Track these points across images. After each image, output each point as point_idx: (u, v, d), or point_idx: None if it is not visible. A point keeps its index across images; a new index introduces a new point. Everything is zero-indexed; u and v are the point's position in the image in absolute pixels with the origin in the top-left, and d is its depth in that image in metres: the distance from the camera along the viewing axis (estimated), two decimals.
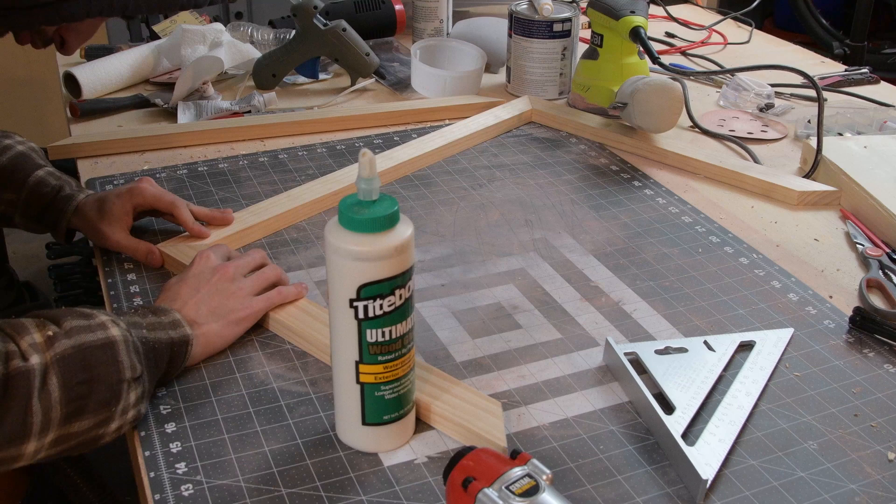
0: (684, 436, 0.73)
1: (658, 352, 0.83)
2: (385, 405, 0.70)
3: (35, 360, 0.67)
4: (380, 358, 0.68)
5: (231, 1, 1.30)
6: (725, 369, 0.82)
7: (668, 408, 0.76)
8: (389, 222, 0.66)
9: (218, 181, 1.15)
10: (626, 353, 0.81)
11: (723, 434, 0.73)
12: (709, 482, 0.68)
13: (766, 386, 0.80)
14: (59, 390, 0.68)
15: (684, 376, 0.80)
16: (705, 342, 0.84)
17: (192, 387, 0.79)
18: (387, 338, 0.68)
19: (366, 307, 0.66)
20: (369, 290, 0.66)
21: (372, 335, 0.67)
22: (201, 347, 0.81)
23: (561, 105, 1.40)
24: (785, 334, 0.87)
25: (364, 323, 0.67)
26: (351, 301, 0.66)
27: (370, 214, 0.65)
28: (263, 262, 0.91)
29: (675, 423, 0.73)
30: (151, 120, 1.34)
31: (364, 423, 0.71)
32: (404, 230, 0.67)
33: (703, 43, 1.71)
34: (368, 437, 0.72)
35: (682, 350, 0.83)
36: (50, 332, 0.70)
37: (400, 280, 0.66)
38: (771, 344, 0.85)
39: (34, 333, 0.69)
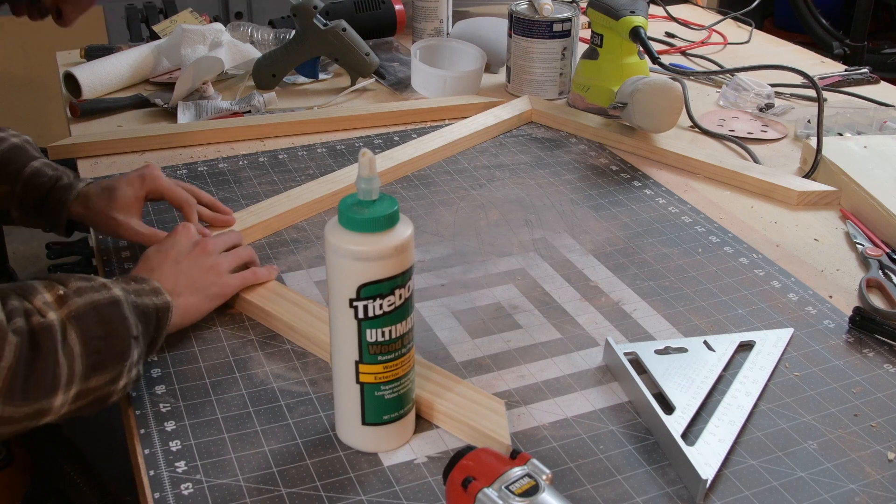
0: (684, 436, 0.73)
1: (658, 352, 0.83)
2: (385, 405, 0.70)
3: (52, 316, 0.70)
4: (380, 358, 0.68)
5: None
6: (725, 369, 0.82)
7: (668, 408, 0.76)
8: (389, 222, 0.66)
9: (218, 181, 1.15)
10: (625, 353, 0.81)
11: (723, 434, 0.73)
12: (709, 482, 0.68)
13: (766, 386, 0.80)
14: (79, 345, 0.70)
15: (684, 376, 0.80)
16: (705, 342, 0.84)
17: (192, 385, 0.79)
18: (387, 338, 0.68)
19: (366, 307, 0.66)
20: (369, 290, 0.66)
21: (372, 335, 0.67)
22: (179, 318, 0.83)
23: (561, 105, 1.40)
24: (785, 334, 0.87)
25: (364, 323, 0.67)
26: (351, 301, 0.66)
27: (370, 214, 0.65)
28: (238, 243, 0.94)
29: (675, 423, 0.73)
30: (151, 120, 1.34)
31: (364, 422, 0.71)
32: (404, 230, 0.67)
33: (703, 43, 1.71)
34: (368, 436, 0.72)
35: (682, 350, 0.83)
36: (60, 292, 0.72)
37: (400, 280, 0.66)
38: (771, 344, 0.85)
39: (45, 293, 0.71)
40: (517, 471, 0.61)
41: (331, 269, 0.67)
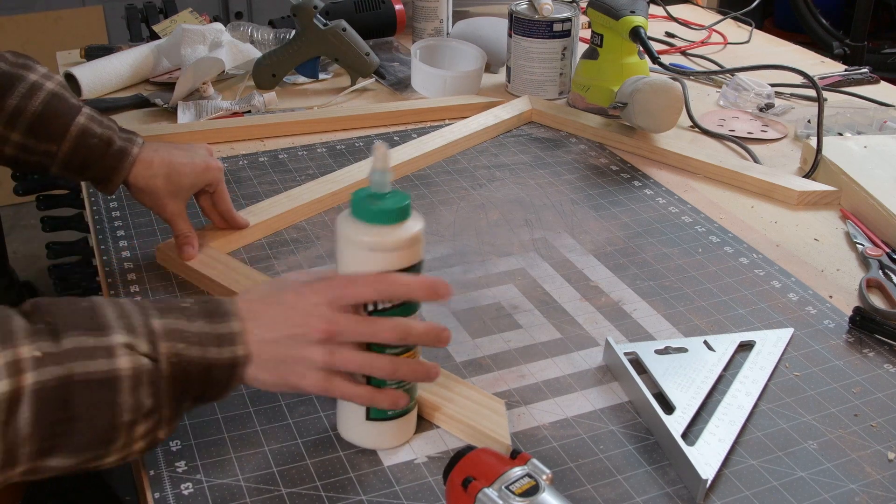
0: (684, 436, 0.73)
1: (658, 352, 0.83)
2: None
3: (3, 386, 0.56)
4: (387, 351, 0.68)
5: None
6: (725, 369, 0.82)
7: (668, 408, 0.76)
8: (403, 214, 0.66)
9: None
10: (626, 353, 0.81)
11: (723, 434, 0.73)
12: (709, 482, 0.68)
13: (766, 386, 0.80)
14: (29, 426, 0.57)
15: (684, 376, 0.80)
16: (705, 342, 0.84)
17: None
18: None
19: (375, 301, 0.66)
20: None
21: None
22: (257, 384, 0.68)
23: (561, 105, 1.40)
24: (785, 334, 0.87)
25: (373, 315, 0.67)
26: None
27: (384, 206, 0.65)
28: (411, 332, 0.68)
29: (675, 423, 0.73)
30: (151, 120, 1.34)
31: (368, 418, 0.71)
32: (416, 223, 0.67)
33: (703, 43, 1.71)
34: (372, 433, 0.72)
35: (682, 350, 0.83)
36: (38, 353, 0.58)
37: (411, 273, 0.67)
38: (771, 344, 0.85)
39: (20, 347, 0.58)
40: (517, 471, 0.61)
41: (342, 260, 0.67)
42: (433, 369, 0.70)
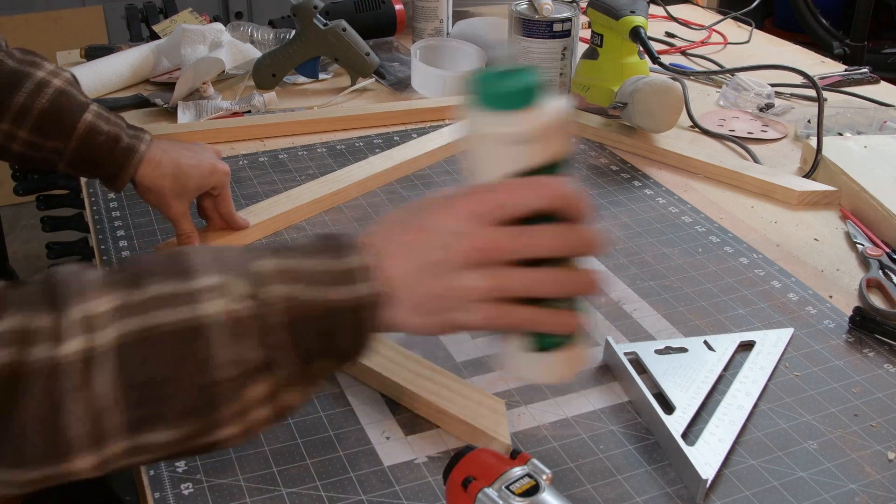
0: (684, 436, 0.73)
1: (658, 352, 0.83)
2: None
3: (74, 346, 0.49)
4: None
5: None
6: (725, 369, 0.82)
7: (668, 408, 0.76)
8: (540, 92, 0.53)
9: None
10: (626, 353, 0.81)
11: (723, 434, 0.73)
12: (709, 482, 0.68)
13: (766, 386, 0.80)
14: (113, 390, 0.50)
15: (684, 376, 0.80)
16: (705, 342, 0.85)
17: None
18: None
19: (532, 209, 0.55)
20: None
21: None
22: (393, 328, 0.57)
23: None
24: (785, 334, 0.87)
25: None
26: None
27: (519, 84, 0.52)
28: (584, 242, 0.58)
29: (675, 423, 0.73)
30: (151, 120, 1.34)
31: (541, 348, 0.60)
32: (559, 102, 0.54)
33: (703, 43, 1.71)
34: (541, 364, 0.61)
35: (682, 350, 0.83)
36: (116, 303, 0.51)
37: (565, 166, 0.55)
38: (771, 344, 0.85)
39: (94, 300, 0.50)
40: (517, 471, 0.61)
41: (479, 163, 0.55)
42: (600, 276, 0.58)
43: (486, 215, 0.55)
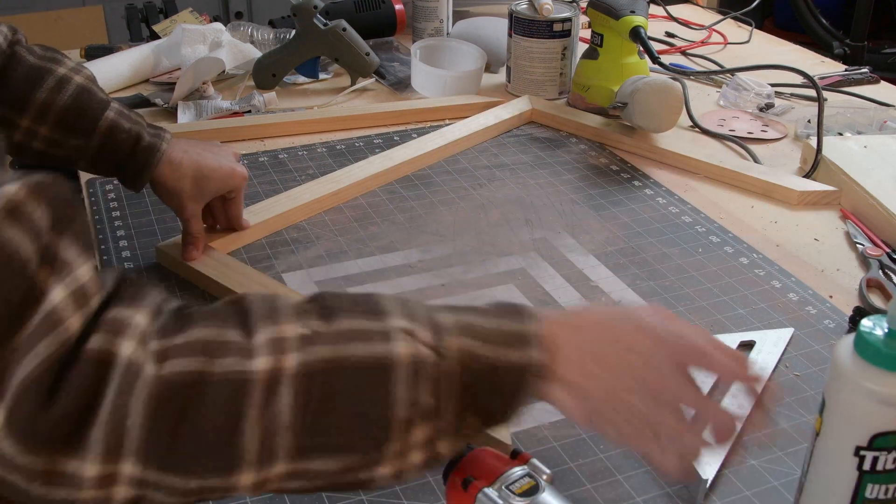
0: None
1: None
2: None
3: (262, 363, 0.50)
4: None
5: None
6: None
7: None
8: None
9: None
10: None
11: None
12: (709, 482, 0.68)
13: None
14: (290, 413, 0.50)
15: None
16: None
17: None
18: (889, 496, 0.58)
19: (875, 459, 0.56)
20: (885, 441, 0.56)
21: (872, 491, 0.58)
22: (549, 402, 0.58)
23: (561, 105, 1.40)
24: (785, 334, 0.87)
25: (867, 476, 0.57)
26: (858, 449, 0.56)
27: None
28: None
29: None
30: (151, 120, 1.33)
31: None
32: None
33: (703, 43, 1.71)
34: None
35: None
36: (306, 331, 0.52)
37: None
38: (771, 343, 0.85)
39: (285, 325, 0.52)
40: (517, 471, 0.61)
41: (836, 403, 0.57)
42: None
43: (685, 365, 0.57)
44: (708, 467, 0.69)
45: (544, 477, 0.61)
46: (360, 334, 0.52)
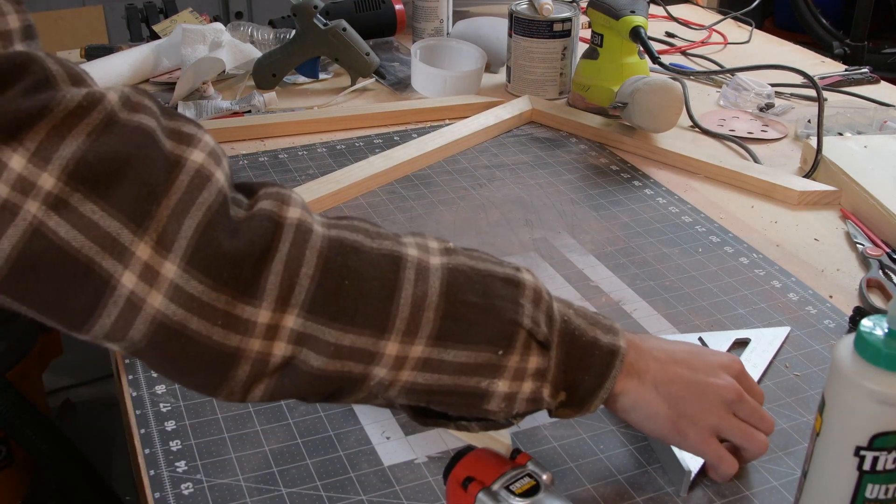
0: None
1: None
2: None
3: (414, 252, 0.57)
4: None
5: None
6: None
7: None
8: None
9: None
10: None
11: None
12: (693, 474, 0.68)
13: (764, 385, 0.80)
14: (438, 296, 0.56)
15: None
16: (700, 338, 0.85)
17: None
18: (889, 496, 0.58)
19: (875, 459, 0.57)
20: (885, 441, 0.56)
21: (872, 491, 0.58)
22: (629, 400, 0.64)
23: (561, 105, 1.40)
24: (781, 332, 0.87)
25: (867, 476, 0.57)
26: (858, 449, 0.57)
27: None
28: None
29: None
30: None
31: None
32: None
33: (703, 43, 1.71)
34: None
35: None
36: (450, 244, 0.60)
37: None
38: (766, 342, 0.85)
39: (432, 241, 0.60)
40: (517, 471, 0.61)
41: (836, 403, 0.57)
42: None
43: (732, 406, 0.67)
44: (693, 460, 0.69)
45: (544, 477, 0.61)
46: (495, 263, 0.61)
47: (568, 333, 0.61)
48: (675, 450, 0.69)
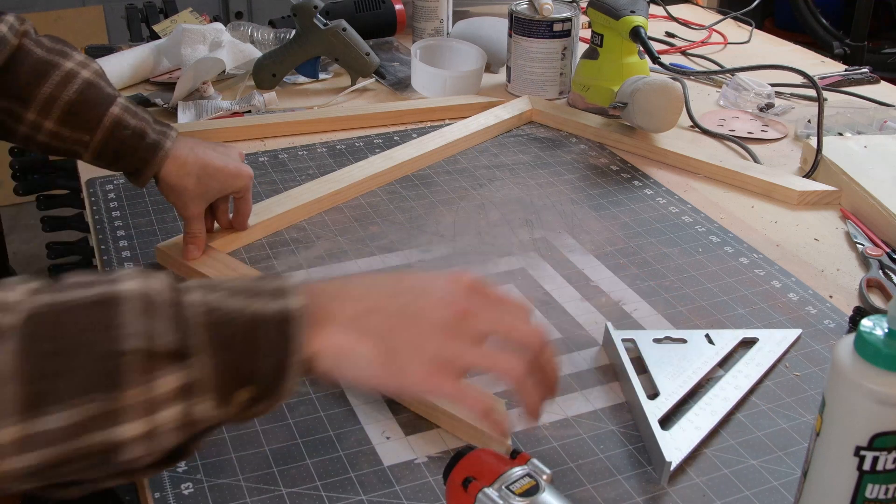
0: (663, 420, 0.73)
1: (656, 340, 0.84)
2: None
3: None
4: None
5: None
6: (722, 363, 0.82)
7: (653, 393, 0.77)
8: None
9: None
10: (623, 340, 0.83)
11: (701, 422, 0.74)
12: (673, 465, 0.69)
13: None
14: (14, 360, 0.46)
15: (677, 365, 0.80)
16: (707, 335, 0.85)
17: None
18: (889, 496, 0.58)
19: (875, 459, 0.56)
20: (885, 441, 0.56)
21: (872, 491, 0.57)
22: (331, 358, 0.54)
23: (561, 105, 1.40)
24: (791, 334, 0.86)
25: (867, 476, 0.57)
26: (858, 449, 0.56)
27: None
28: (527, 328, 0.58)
29: (654, 408, 0.74)
30: None
31: None
32: None
33: (703, 43, 1.71)
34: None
35: (682, 341, 0.84)
36: (35, 285, 0.50)
37: None
38: (774, 343, 0.85)
39: (14, 289, 0.49)
40: (517, 471, 0.61)
41: (836, 403, 0.57)
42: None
43: (473, 286, 0.56)
44: (677, 451, 0.69)
45: (544, 477, 0.61)
46: (85, 284, 0.50)
47: (219, 323, 0.50)
48: (657, 438, 0.69)
